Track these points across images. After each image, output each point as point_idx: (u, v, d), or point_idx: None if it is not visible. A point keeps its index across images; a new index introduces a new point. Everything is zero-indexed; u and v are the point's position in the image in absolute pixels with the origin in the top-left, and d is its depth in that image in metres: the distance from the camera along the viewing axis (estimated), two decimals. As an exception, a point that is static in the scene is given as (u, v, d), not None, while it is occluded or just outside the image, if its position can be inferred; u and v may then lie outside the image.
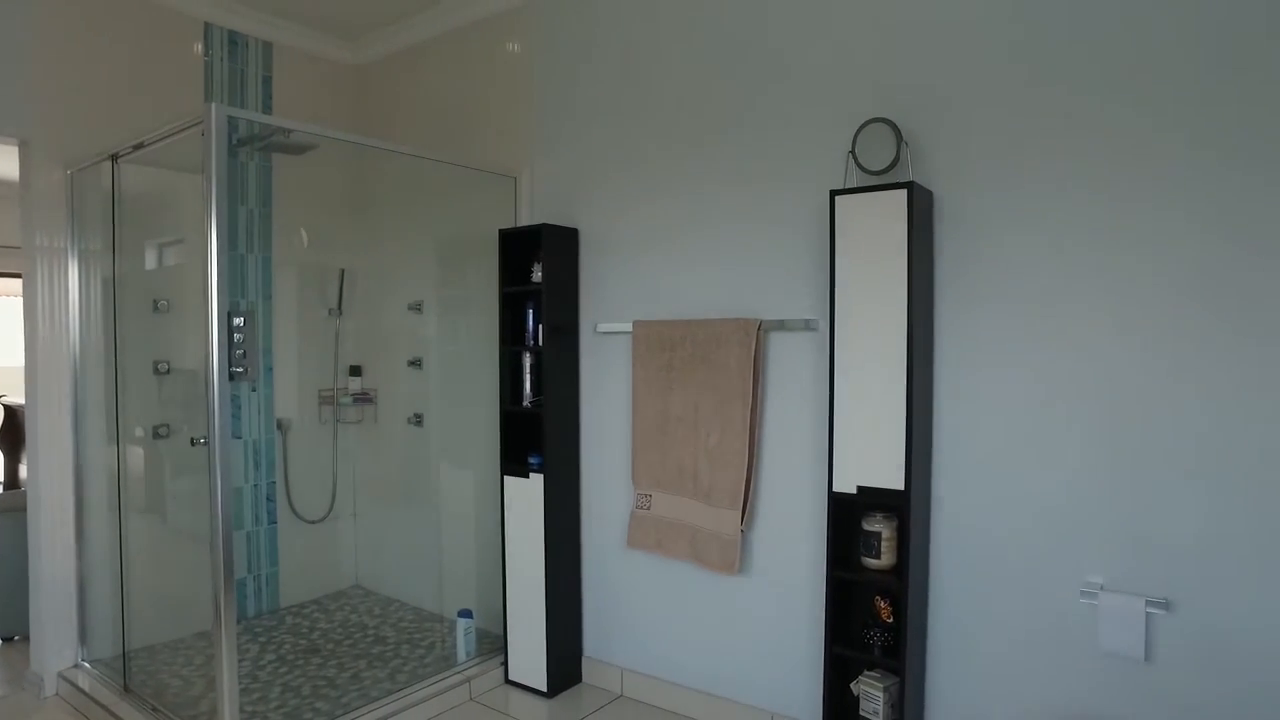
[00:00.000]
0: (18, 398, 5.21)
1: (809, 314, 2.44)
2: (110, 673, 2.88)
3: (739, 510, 2.52)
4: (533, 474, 2.89)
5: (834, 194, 2.19)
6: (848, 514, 2.26)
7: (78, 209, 2.96)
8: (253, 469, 3.60)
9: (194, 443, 3.00)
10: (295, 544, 3.75)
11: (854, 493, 2.19)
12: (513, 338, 2.98)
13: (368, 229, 3.91)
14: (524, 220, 3.17)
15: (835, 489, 2.22)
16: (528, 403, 2.95)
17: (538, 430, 2.91)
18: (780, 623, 2.54)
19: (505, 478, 2.97)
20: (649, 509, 2.76)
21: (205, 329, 2.20)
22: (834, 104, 2.39)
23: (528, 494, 2.91)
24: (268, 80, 3.62)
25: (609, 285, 2.94)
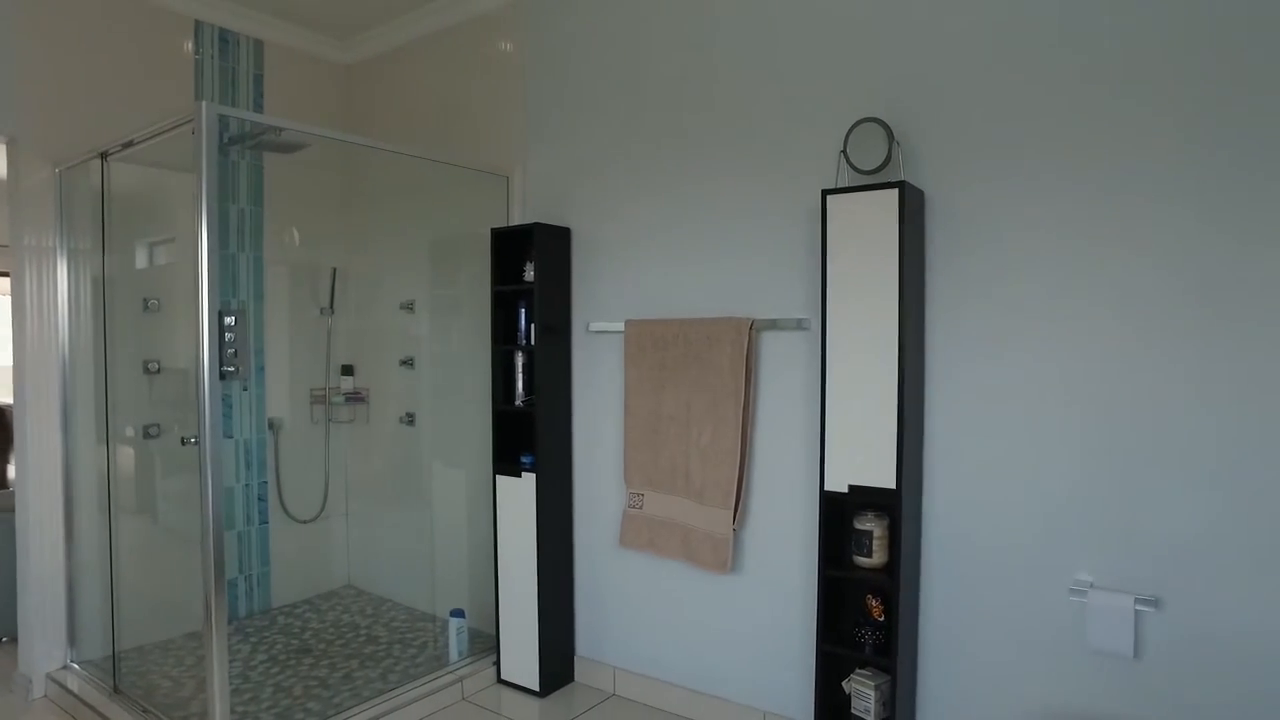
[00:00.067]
0: (6, 397, 5.17)
1: (801, 313, 2.45)
2: (100, 674, 2.86)
3: (731, 509, 2.52)
4: (525, 473, 2.89)
5: (826, 193, 2.20)
6: (839, 513, 2.26)
7: (66, 207, 2.94)
8: (244, 468, 3.59)
9: (184, 442, 3.00)
10: (287, 544, 3.74)
11: (846, 491, 2.20)
12: (505, 337, 2.97)
13: (359, 228, 3.90)
14: (516, 219, 3.17)
15: (827, 488, 2.23)
16: (520, 402, 2.95)
17: (530, 430, 2.91)
18: (772, 621, 2.55)
19: (497, 477, 2.97)
20: (641, 508, 2.76)
21: (196, 328, 2.19)
22: (826, 103, 2.39)
23: (520, 493, 2.91)
24: (259, 78, 3.61)
25: (601, 284, 2.94)
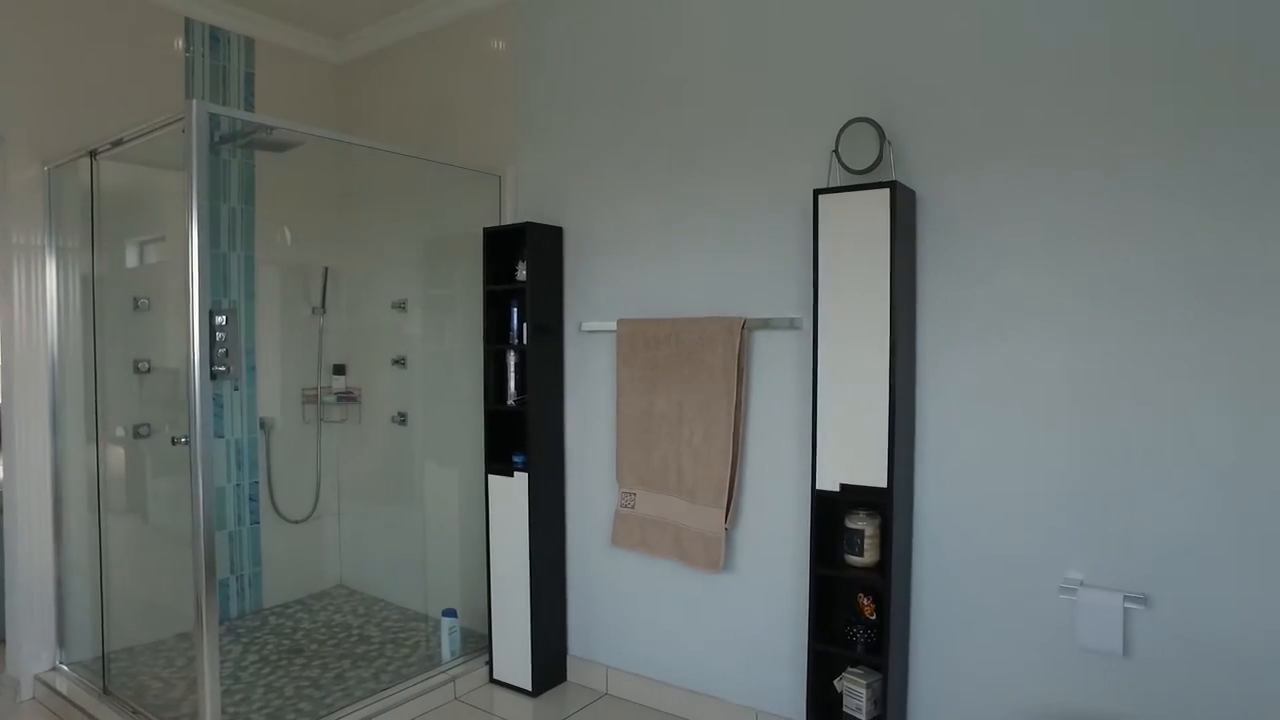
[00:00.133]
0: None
1: (793, 312, 2.45)
2: (89, 675, 2.85)
3: (723, 508, 2.52)
4: (517, 473, 2.89)
5: (817, 193, 2.20)
6: (831, 512, 2.27)
7: (55, 206, 2.92)
8: (235, 468, 3.58)
9: (175, 442, 2.99)
10: (278, 544, 3.73)
11: (837, 490, 2.20)
12: (497, 336, 2.97)
13: (351, 227, 3.88)
14: (508, 218, 3.16)
15: (819, 487, 2.23)
16: (512, 401, 2.94)
17: (522, 429, 2.91)
18: (764, 620, 2.55)
19: (489, 477, 2.97)
20: (633, 507, 2.76)
21: (186, 327, 2.18)
22: (817, 103, 2.40)
23: (512, 493, 2.90)
24: (250, 77, 3.59)
25: (593, 284, 2.94)
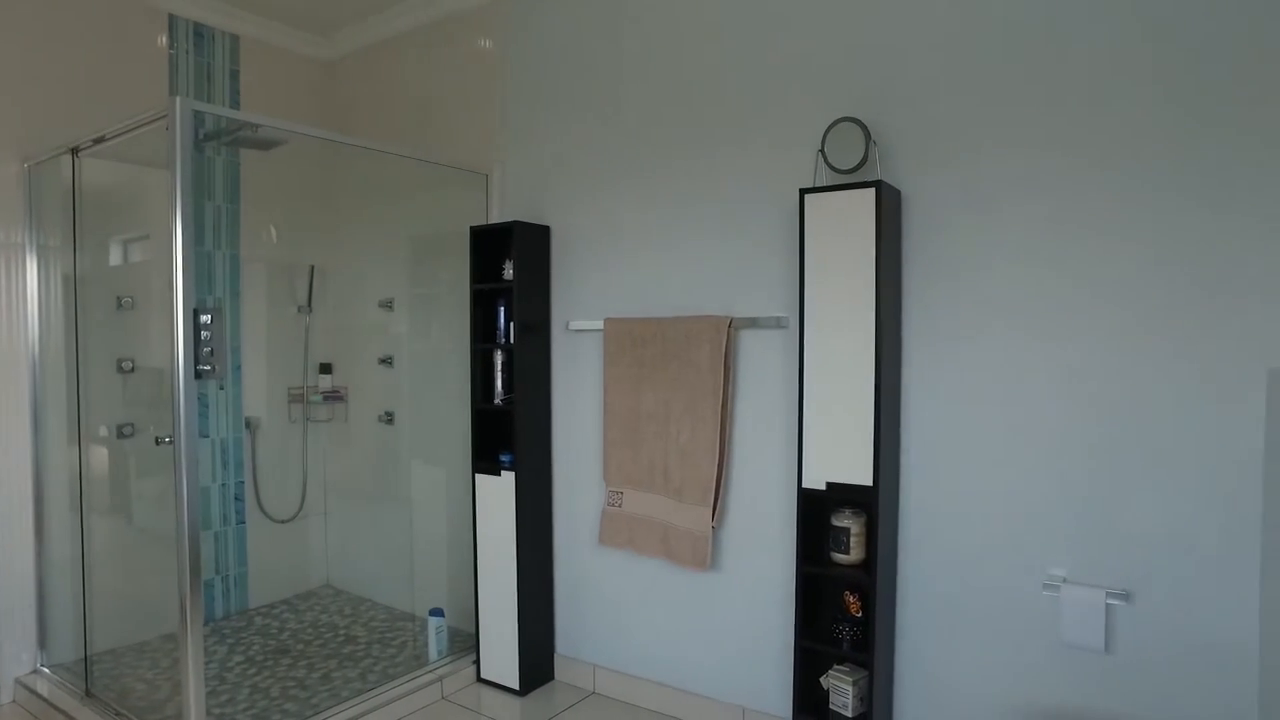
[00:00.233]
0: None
1: (780, 311, 2.46)
2: (71, 677, 2.82)
3: (710, 507, 2.53)
4: (504, 472, 2.88)
5: (803, 192, 2.21)
6: (817, 510, 2.28)
7: (36, 203, 2.89)
8: (220, 468, 3.55)
9: (159, 442, 2.97)
10: (264, 544, 3.71)
11: (823, 489, 2.21)
12: (484, 335, 2.96)
13: (338, 225, 3.86)
14: (495, 217, 3.16)
15: (805, 485, 2.24)
16: (499, 400, 2.94)
17: (509, 428, 2.90)
18: (751, 618, 2.56)
19: (476, 476, 2.96)
20: (620, 506, 2.76)
21: (171, 326, 2.16)
22: (803, 103, 2.41)
23: (499, 492, 2.90)
24: (235, 74, 3.57)
25: (581, 283, 2.94)
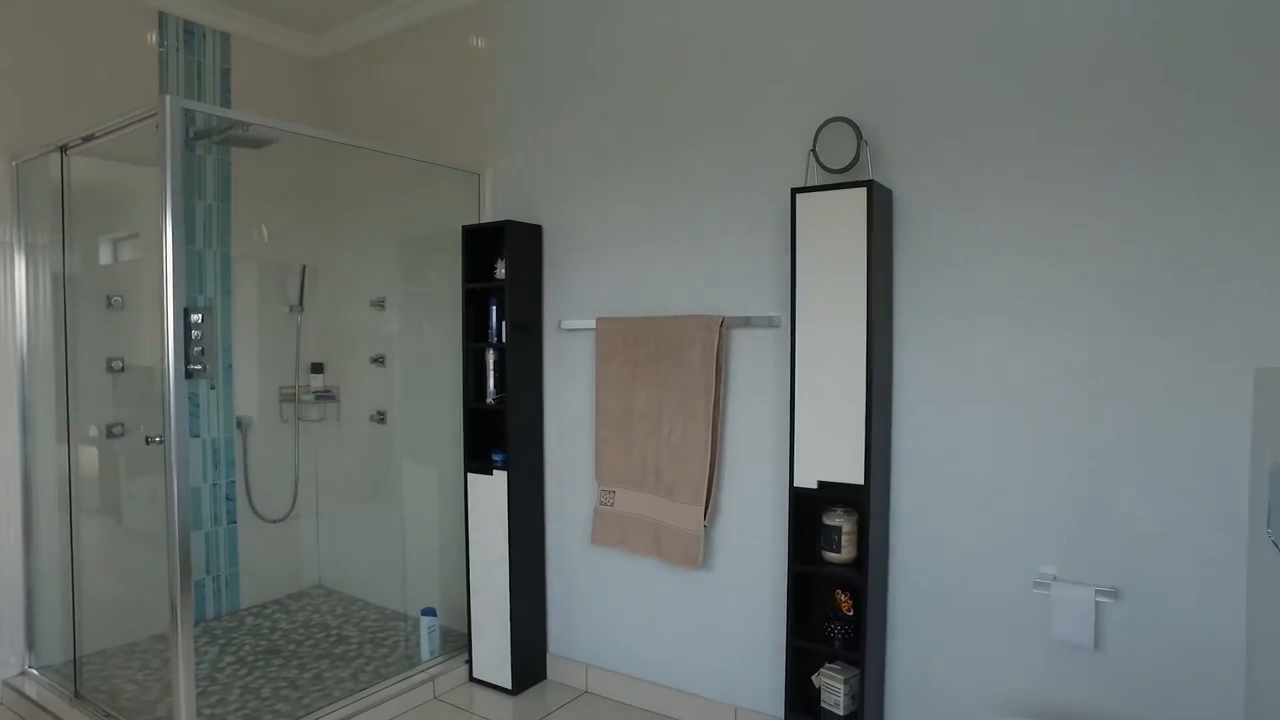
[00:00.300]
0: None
1: (771, 310, 2.47)
2: (60, 679, 2.80)
3: (702, 506, 2.53)
4: (496, 471, 2.88)
5: (795, 192, 2.22)
6: (809, 509, 2.28)
7: (24, 201, 2.87)
8: (211, 468, 3.54)
9: (149, 441, 2.95)
10: (256, 544, 3.70)
11: (815, 488, 2.22)
12: (476, 334, 2.96)
13: (329, 224, 3.85)
14: (487, 217, 3.15)
15: (796, 484, 2.25)
16: (491, 400, 2.94)
17: (501, 427, 2.90)
18: (743, 617, 2.57)
19: (468, 475, 2.96)
20: (612, 505, 2.77)
21: (161, 326, 2.15)
22: (796, 103, 2.41)
23: (491, 491, 2.90)
24: (226, 72, 3.55)
25: (573, 282, 2.94)
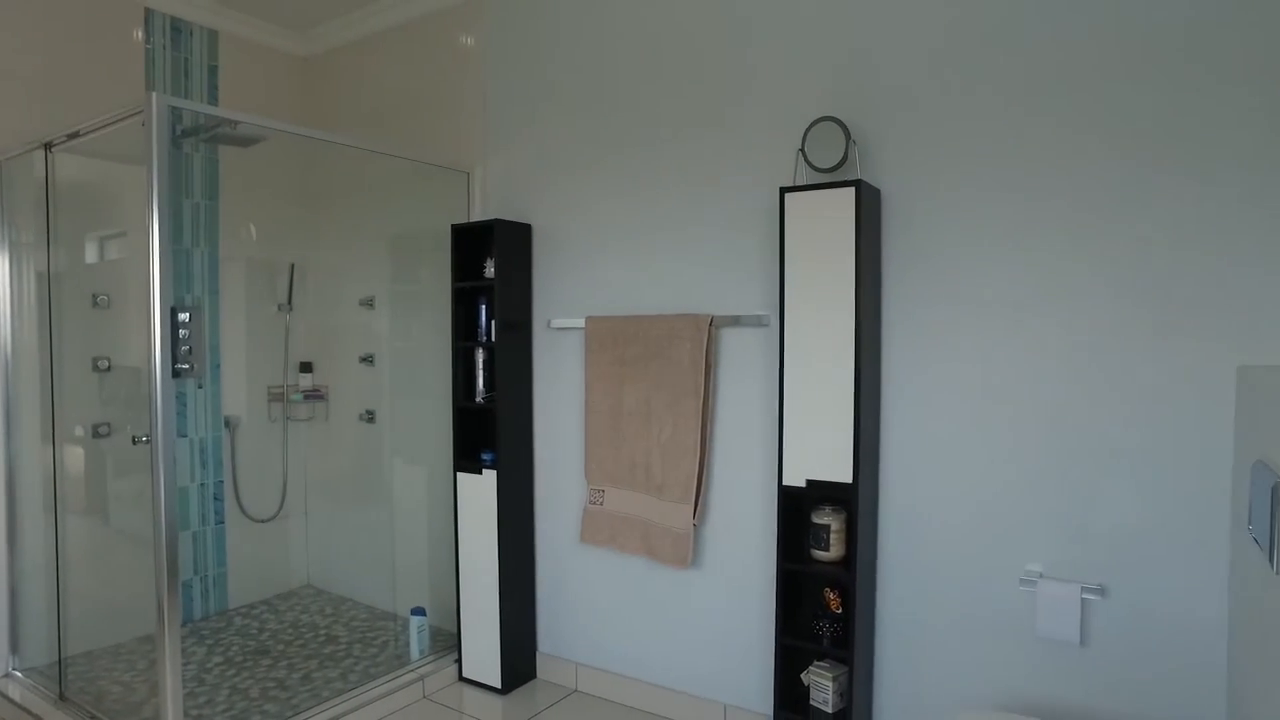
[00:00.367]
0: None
1: (760, 310, 2.47)
2: (45, 681, 2.78)
3: (691, 504, 2.54)
4: (485, 470, 2.88)
5: (784, 191, 2.22)
6: (797, 507, 2.29)
7: (7, 199, 2.84)
8: (199, 468, 3.52)
9: (136, 441, 2.93)
10: (244, 544, 3.68)
11: (803, 486, 2.23)
12: (465, 333, 2.95)
13: (318, 223, 3.84)
14: (477, 215, 3.15)
15: (785, 482, 2.25)
16: (480, 399, 2.93)
17: (490, 426, 2.90)
18: (732, 615, 2.57)
19: (458, 474, 2.95)
20: (602, 504, 2.77)
21: (147, 325, 2.14)
22: (784, 103, 2.42)
23: (480, 490, 2.89)
24: (214, 70, 3.53)
25: (562, 281, 2.94)
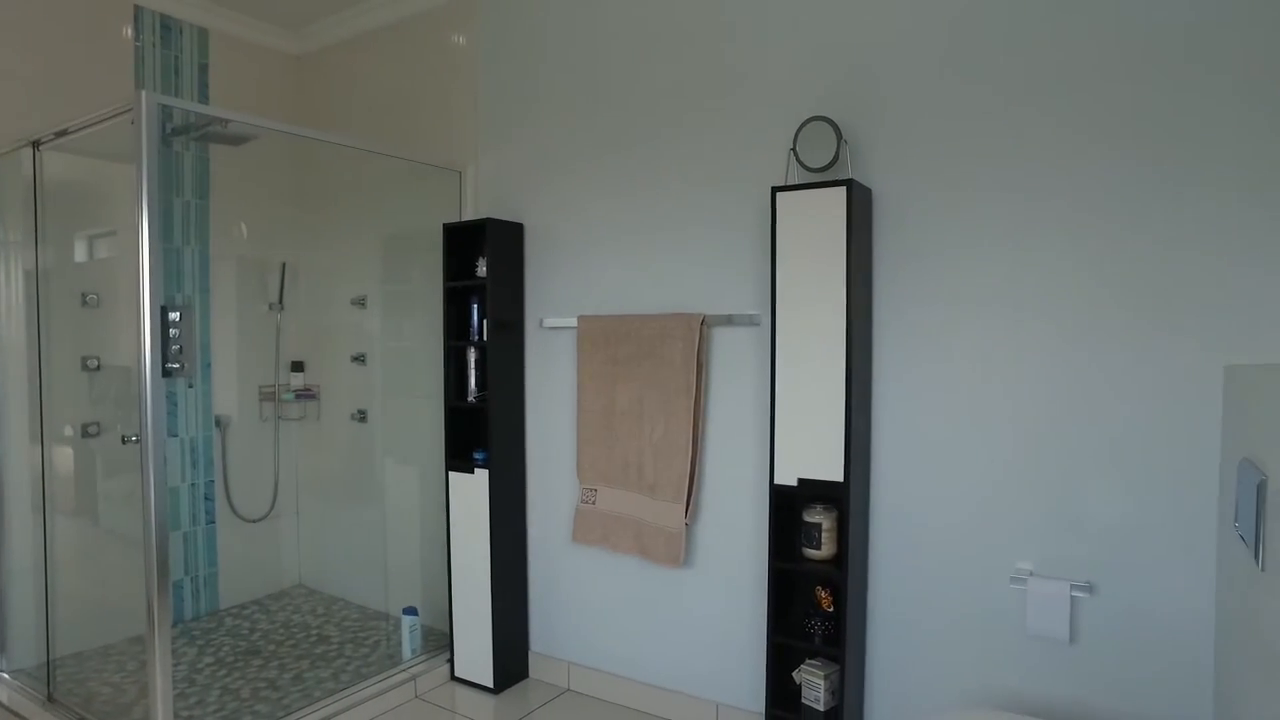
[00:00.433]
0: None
1: (752, 309, 2.48)
2: (33, 683, 2.77)
3: (683, 503, 2.54)
4: (477, 470, 2.87)
5: (775, 191, 2.23)
6: (789, 506, 2.29)
7: (-6, 197, 2.84)
8: (190, 468, 3.50)
9: (125, 441, 2.92)
10: (235, 544, 3.66)
11: (795, 485, 2.23)
12: (457, 333, 2.95)
13: (310, 222, 3.82)
14: (469, 214, 3.14)
15: (777, 481, 2.26)
16: (472, 398, 2.93)
17: (482, 426, 2.89)
18: (724, 614, 2.58)
19: (450, 474, 2.95)
20: (594, 503, 2.77)
21: (137, 324, 2.13)
22: (776, 102, 2.42)
23: (473, 490, 2.89)
24: (204, 68, 3.51)
25: (554, 280, 2.94)
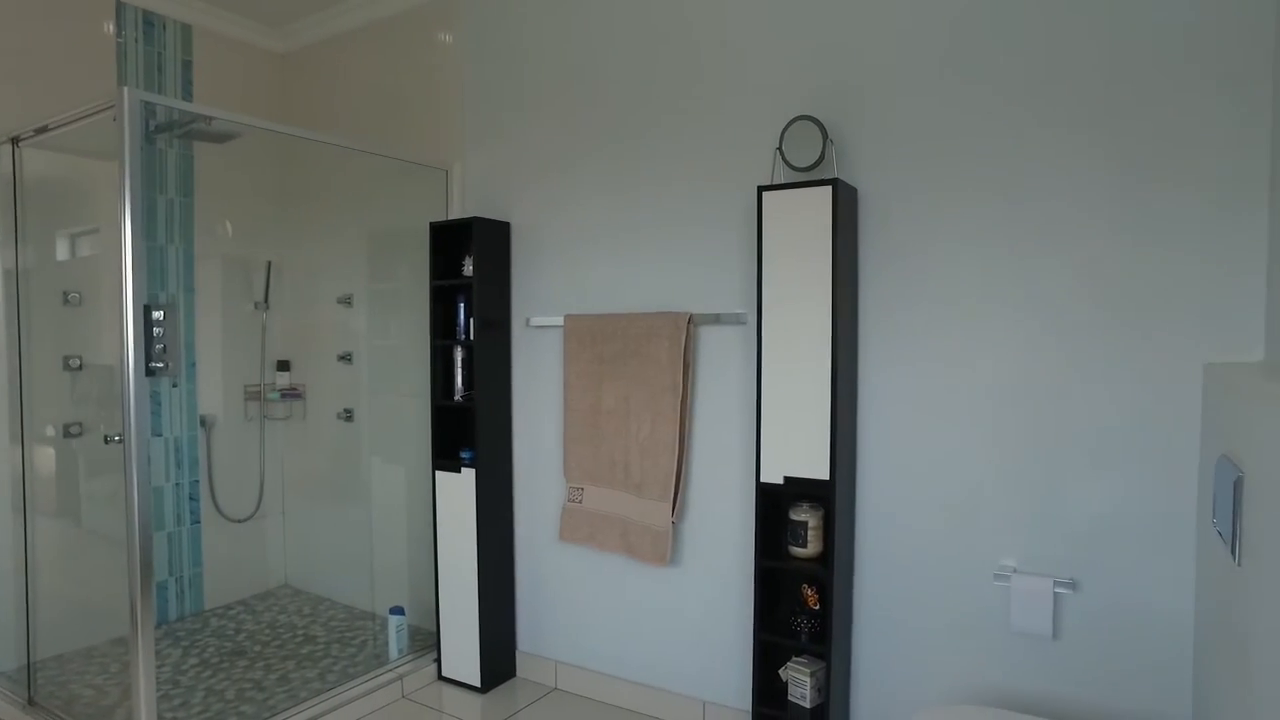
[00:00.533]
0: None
1: (739, 308, 2.48)
2: (12, 686, 2.74)
3: (670, 502, 2.55)
4: (464, 469, 2.87)
5: (761, 190, 2.23)
6: (775, 504, 2.30)
7: (-27, 195, 2.80)
8: (174, 468, 3.48)
9: (108, 441, 2.90)
10: (220, 544, 3.64)
11: (781, 483, 2.24)
12: (444, 332, 2.94)
13: (295, 220, 3.80)
14: (455, 213, 3.14)
15: (763, 479, 2.27)
16: (459, 397, 2.92)
17: (469, 425, 2.89)
18: (711, 612, 2.59)
19: (436, 473, 2.94)
20: (581, 502, 2.77)
21: (120, 323, 2.12)
22: (762, 102, 2.43)
23: (459, 489, 2.89)
24: (188, 65, 3.49)
25: (541, 279, 2.94)
